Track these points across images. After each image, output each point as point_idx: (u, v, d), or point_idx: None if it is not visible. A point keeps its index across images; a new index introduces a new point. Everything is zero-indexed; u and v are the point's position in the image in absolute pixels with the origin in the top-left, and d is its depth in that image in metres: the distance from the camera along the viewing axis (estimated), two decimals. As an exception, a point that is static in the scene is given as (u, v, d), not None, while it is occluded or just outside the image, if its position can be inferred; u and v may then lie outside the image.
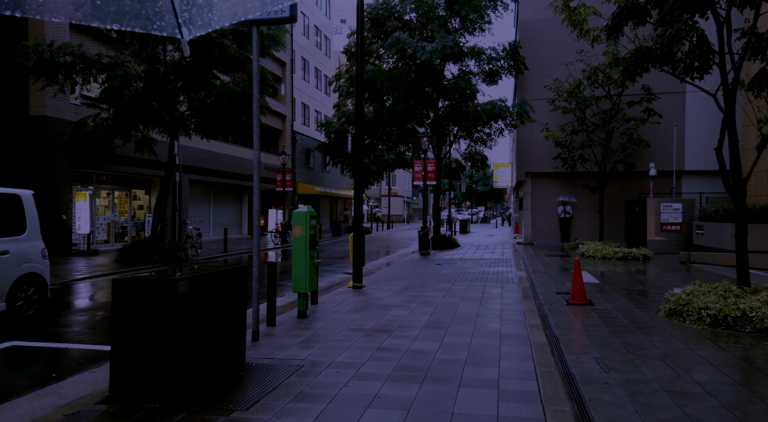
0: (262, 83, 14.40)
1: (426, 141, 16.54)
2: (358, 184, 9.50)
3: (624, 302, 7.83)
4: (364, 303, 7.86)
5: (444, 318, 6.69)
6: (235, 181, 24.73)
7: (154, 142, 14.13)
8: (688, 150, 19.45)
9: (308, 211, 6.75)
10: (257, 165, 5.68)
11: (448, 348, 5.23)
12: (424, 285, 9.70)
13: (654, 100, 17.84)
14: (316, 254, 6.95)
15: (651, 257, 14.70)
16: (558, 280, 10.33)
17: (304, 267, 6.70)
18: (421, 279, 10.56)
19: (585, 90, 18.41)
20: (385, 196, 46.90)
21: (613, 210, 20.02)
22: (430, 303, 7.83)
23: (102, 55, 12.01)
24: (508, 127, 19.62)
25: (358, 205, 9.55)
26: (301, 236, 6.71)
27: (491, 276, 11.01)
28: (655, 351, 5.06)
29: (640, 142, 17.92)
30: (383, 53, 19.42)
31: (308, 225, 6.72)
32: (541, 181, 21.18)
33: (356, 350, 5.17)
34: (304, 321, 6.55)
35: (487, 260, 14.65)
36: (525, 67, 19.54)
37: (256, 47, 5.57)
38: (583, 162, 18.64)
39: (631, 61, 7.37)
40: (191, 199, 21.82)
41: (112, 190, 17.84)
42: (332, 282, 10.58)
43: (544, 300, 8.01)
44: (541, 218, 21.17)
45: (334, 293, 8.87)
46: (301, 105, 34.76)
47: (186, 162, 20.49)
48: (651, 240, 16.92)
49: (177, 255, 13.66)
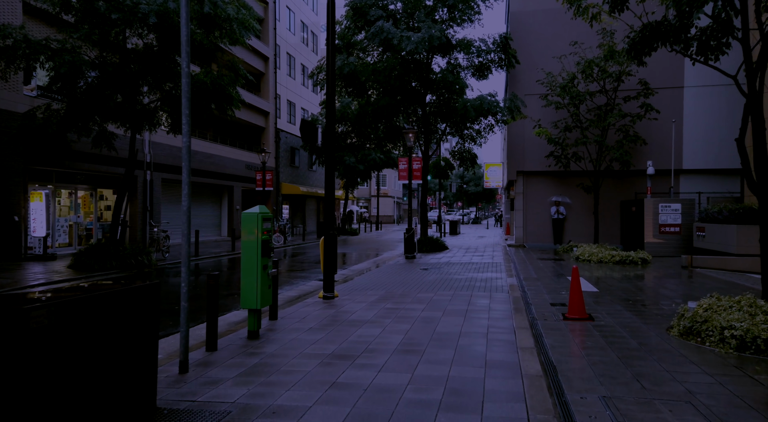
0: (232, 73, 13.33)
1: (411, 137, 15.53)
2: (329, 180, 8.46)
3: (628, 316, 6.85)
4: (331, 318, 6.82)
5: (421, 339, 5.67)
6: (213, 181, 23.58)
7: (114, 136, 12.98)
8: (686, 147, 18.60)
9: (260, 212, 5.70)
10: (186, 153, 4.63)
11: (421, 383, 4.21)
12: (404, 295, 8.67)
13: (651, 94, 16.97)
14: (270, 263, 5.90)
15: (650, 261, 13.79)
16: (552, 288, 9.35)
17: (255, 278, 5.65)
18: (401, 287, 9.53)
19: (579, 84, 17.51)
20: (375, 196, 45.87)
21: (608, 210, 19.14)
22: (408, 318, 6.80)
23: (51, 40, 10.86)
24: (498, 123, 18.66)
25: (329, 204, 8.51)
26: (251, 241, 5.66)
27: (479, 284, 10.01)
28: (677, 388, 4.07)
29: (637, 139, 17.03)
30: (367, 45, 18.40)
31: (260, 228, 5.67)
32: (534, 181, 20.25)
33: (305, 387, 4.13)
34: (254, 344, 5.50)
35: (475, 264, 13.67)
36: (516, 61, 18.60)
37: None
38: (578, 160, 17.72)
39: (638, 38, 6.39)
40: (164, 199, 20.65)
41: (75, 189, 16.65)
42: (303, 291, 9.53)
43: (538, 314, 7.01)
44: (534, 219, 20.24)
45: (300, 305, 7.82)
46: (286, 102, 33.64)
47: (158, 159, 19.33)
48: (649, 242, 16.02)
49: (139, 260, 12.54)
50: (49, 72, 11.10)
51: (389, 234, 33.07)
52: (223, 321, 6.71)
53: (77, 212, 16.69)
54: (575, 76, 17.18)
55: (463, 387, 4.12)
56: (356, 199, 58.59)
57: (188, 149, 4.63)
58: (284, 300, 8.41)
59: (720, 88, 18.15)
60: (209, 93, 13.03)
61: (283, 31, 33.45)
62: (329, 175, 8.46)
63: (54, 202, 15.70)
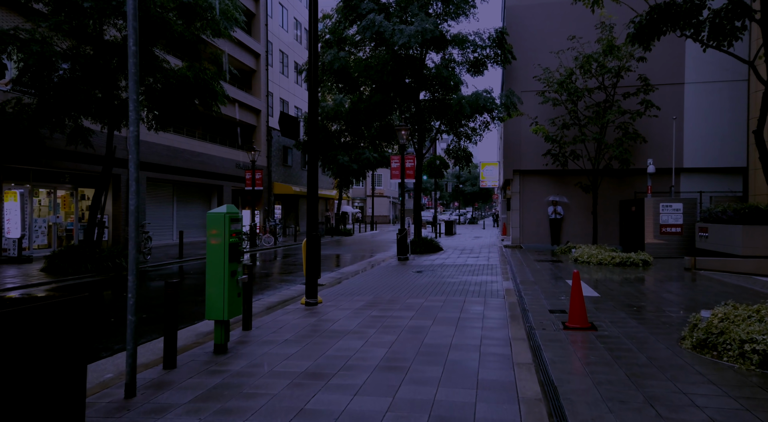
0: (214, 66, 12.73)
1: (404, 134, 14.97)
2: (312, 178, 7.88)
3: (633, 325, 6.30)
4: (311, 328, 6.25)
5: (406, 353, 5.10)
6: (202, 180, 22.95)
7: (90, 132, 12.36)
8: (687, 146, 18.09)
9: (227, 212, 5.12)
10: (134, 145, 4.07)
11: (402, 410, 3.64)
12: (393, 301, 8.11)
13: (652, 90, 16.46)
14: (240, 269, 5.32)
15: (651, 262, 13.27)
16: (550, 293, 8.80)
17: (221, 286, 5.07)
18: (391, 292, 8.97)
19: (577, 80, 16.99)
20: (371, 196, 45.30)
21: (606, 210, 18.62)
22: (394, 327, 6.24)
23: (20, 29, 10.23)
24: (494, 121, 18.11)
25: (312, 203, 7.94)
26: (217, 245, 5.08)
27: (473, 288, 9.45)
28: (698, 416, 3.52)
29: (637, 136, 16.50)
30: (359, 40, 17.82)
31: (228, 230, 5.09)
32: (530, 180, 19.72)
33: (266, 416, 3.56)
34: (219, 360, 4.92)
35: (470, 266, 13.11)
36: (512, 57, 18.06)
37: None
38: (575, 158, 17.19)
39: (645, 21, 5.85)
40: (151, 200, 20.03)
41: (54, 188, 16.02)
42: (286, 296, 8.95)
43: (536, 323, 6.46)
44: (530, 219, 19.71)
45: (280, 312, 7.25)
46: (279, 100, 33.05)
47: (143, 158, 18.70)
48: (649, 243, 15.51)
49: (116, 262, 11.93)
50: (18, 63, 10.49)
51: (384, 235, 32.51)
52: (191, 332, 6.14)
53: (56, 212, 16.05)
54: (573, 72, 16.66)
55: (450, 414, 3.56)
56: (351, 199, 58.05)
57: (136, 140, 4.09)
58: (263, 307, 7.84)
59: (722, 84, 17.66)
60: (192, 87, 12.45)
61: (276, 28, 32.85)
62: (312, 172, 7.88)
63: (31, 201, 15.06)
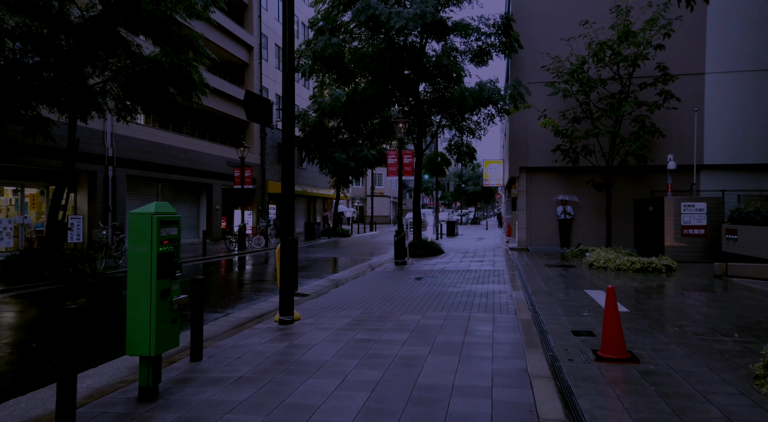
0: (189, 49, 11.47)
1: (401, 127, 13.69)
2: (287, 171, 6.61)
3: (683, 354, 5.02)
4: (277, 358, 4.98)
5: (393, 401, 3.83)
6: (190, 178, 21.69)
7: (50, 123, 11.10)
8: (707, 141, 16.77)
9: (156, 213, 3.85)
10: None
11: None
12: (384, 318, 6.84)
13: (671, 80, 15.15)
14: (177, 286, 4.05)
15: (675, 268, 11.98)
16: (570, 307, 7.52)
17: (147, 311, 3.81)
18: (383, 305, 7.70)
19: (589, 70, 15.70)
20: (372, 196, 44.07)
21: (619, 210, 17.31)
22: (382, 357, 4.97)
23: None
24: (500, 113, 16.81)
25: (287, 201, 6.67)
26: (141, 254, 3.81)
27: (479, 300, 8.17)
28: None
29: (654, 130, 15.19)
30: (353, 27, 16.54)
31: (157, 236, 3.82)
32: (538, 177, 18.42)
33: None
34: (140, 413, 3.65)
35: (474, 272, 11.83)
36: (519, 45, 16.75)
37: None
38: (588, 154, 15.90)
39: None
40: (134, 198, 18.79)
41: (22, 186, 14.78)
42: (260, 310, 7.69)
43: (559, 350, 5.19)
44: (538, 220, 18.41)
45: (246, 334, 5.99)
46: (274, 96, 31.79)
47: (123, 154, 17.46)
48: (669, 246, 14.21)
49: (80, 268, 10.67)
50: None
51: (383, 236, 31.25)
52: (123, 364, 4.88)
53: (24, 212, 14.81)
54: (585, 61, 15.36)
55: None
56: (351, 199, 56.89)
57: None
58: (229, 326, 6.58)
59: (746, 74, 16.37)
60: (165, 75, 11.20)
61: (271, 21, 31.63)
62: (287, 164, 6.60)
63: (-5, 200, 13.85)
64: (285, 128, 6.53)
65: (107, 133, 16.62)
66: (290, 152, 6.59)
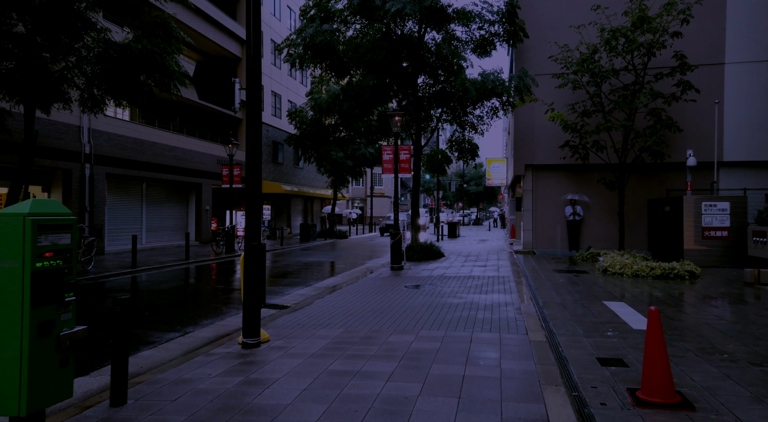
0: (162, 31, 10.37)
1: (398, 120, 12.58)
2: (252, 151, 5.51)
3: (746, 396, 3.90)
4: (223, 402, 3.87)
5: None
6: (178, 177, 20.61)
7: (6, 114, 10.02)
8: (727, 136, 15.61)
9: (30, 213, 2.75)
10: None
11: None
12: (370, 338, 5.73)
13: (690, 70, 14.00)
14: (69, 315, 2.94)
15: (699, 274, 10.83)
16: (590, 324, 6.39)
17: (16, 351, 2.71)
18: (371, 321, 6.60)
19: (601, 59, 14.57)
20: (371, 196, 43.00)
21: (632, 211, 16.16)
22: (358, 400, 3.86)
23: None
24: (504, 107, 15.66)
25: (253, 203, 5.57)
26: (9, 272, 2.71)
27: (483, 315, 7.06)
28: None
29: (672, 124, 14.05)
30: (347, 15, 15.42)
31: (31, 247, 2.72)
32: (545, 176, 17.28)
33: None
34: None
35: (477, 280, 10.71)
36: (525, 34, 15.62)
37: None
38: (599, 150, 14.76)
39: None
40: (115, 198, 17.71)
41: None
42: (224, 329, 6.60)
43: (585, 387, 4.07)
44: (545, 221, 17.27)
45: (198, 361, 4.88)
46: (270, 93, 30.72)
47: (103, 151, 16.37)
48: (689, 249, 13.05)
49: (37, 275, 9.56)
50: None
51: (382, 238, 30.14)
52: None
53: (-10, 213, 13.75)
54: (597, 49, 14.23)
55: None
56: (351, 200, 55.84)
57: None
58: (181, 351, 5.49)
59: (769, 63, 15.21)
60: (136, 62, 10.11)
61: (267, 15, 30.55)
62: (252, 142, 5.50)
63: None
64: (249, 101, 5.43)
65: (84, 128, 15.55)
66: (256, 132, 5.49)
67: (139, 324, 6.95)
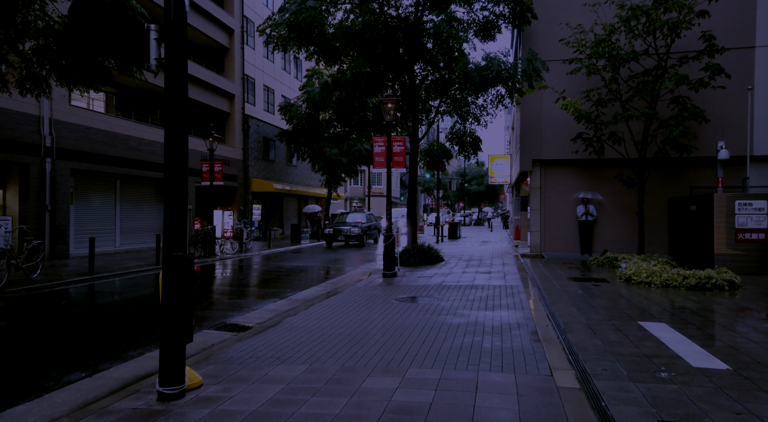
0: None
1: (390, 107, 11.05)
2: (172, 130, 3.99)
3: None
4: None
5: None
6: (156, 174, 19.09)
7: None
8: (757, 127, 14.08)
9: None
10: None
11: None
12: (340, 381, 4.21)
13: (719, 52, 12.47)
14: None
15: (739, 284, 9.30)
16: (632, 359, 4.87)
17: None
18: (344, 353, 5.08)
19: (618, 41, 13.05)
20: (369, 195, 41.55)
21: (649, 211, 14.61)
22: None
23: None
24: (511, 94, 14.12)
25: (174, 207, 4.05)
26: None
27: (489, 342, 5.53)
28: None
29: (698, 113, 12.53)
30: None
31: None
32: (554, 172, 15.76)
33: None
34: None
35: (481, 290, 9.17)
36: (533, 15, 14.11)
37: None
38: (616, 142, 13.25)
39: None
40: (83, 197, 16.20)
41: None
42: (151, 365, 5.07)
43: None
44: (555, 221, 15.75)
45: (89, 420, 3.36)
46: (262, 87, 29.22)
47: (66, 144, 14.86)
48: (721, 254, 11.52)
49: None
50: None
51: (380, 239, 28.59)
52: None
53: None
54: (615, 29, 12.71)
55: None
56: (348, 199, 54.32)
57: None
58: (76, 403, 3.97)
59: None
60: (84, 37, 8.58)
61: (259, 5, 29.04)
62: (172, 118, 3.99)
63: None
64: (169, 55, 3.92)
65: (44, 118, 14.04)
66: (179, 93, 3.97)
67: (44, 355, 5.44)
